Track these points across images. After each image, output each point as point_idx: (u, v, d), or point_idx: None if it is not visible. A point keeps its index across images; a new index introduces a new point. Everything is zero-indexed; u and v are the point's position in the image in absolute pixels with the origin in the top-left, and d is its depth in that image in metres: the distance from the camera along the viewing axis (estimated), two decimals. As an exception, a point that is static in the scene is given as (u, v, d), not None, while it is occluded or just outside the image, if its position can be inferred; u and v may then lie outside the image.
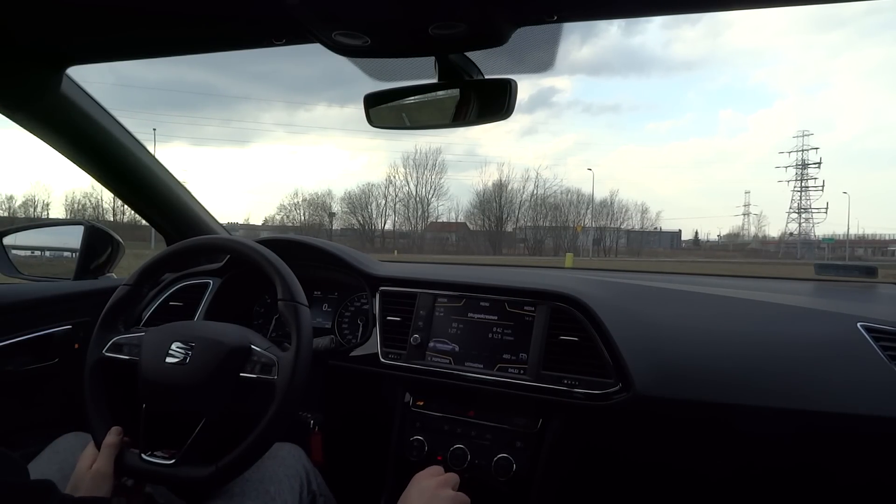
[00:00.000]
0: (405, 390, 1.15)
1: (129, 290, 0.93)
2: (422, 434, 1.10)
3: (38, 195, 36.67)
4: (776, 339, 1.00)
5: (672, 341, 1.01)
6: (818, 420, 0.91)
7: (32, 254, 1.51)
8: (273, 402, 0.77)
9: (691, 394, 0.95)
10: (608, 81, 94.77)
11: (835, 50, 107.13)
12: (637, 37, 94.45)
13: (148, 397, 0.82)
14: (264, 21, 0.81)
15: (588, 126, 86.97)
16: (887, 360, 0.92)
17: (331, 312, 1.35)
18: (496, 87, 0.84)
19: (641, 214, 47.09)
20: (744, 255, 44.24)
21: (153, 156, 1.34)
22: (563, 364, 1.02)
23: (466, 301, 1.14)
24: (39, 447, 0.92)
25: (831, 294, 1.35)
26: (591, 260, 32.16)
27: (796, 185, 51.29)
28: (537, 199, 42.77)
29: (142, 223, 1.76)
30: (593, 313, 1.02)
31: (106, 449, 0.77)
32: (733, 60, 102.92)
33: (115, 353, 0.87)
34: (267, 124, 74.48)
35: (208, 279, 1.35)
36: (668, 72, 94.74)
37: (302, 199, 42.71)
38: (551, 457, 1.02)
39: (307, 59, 69.49)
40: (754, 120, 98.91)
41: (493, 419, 1.06)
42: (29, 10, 0.80)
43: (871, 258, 37.08)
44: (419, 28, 0.72)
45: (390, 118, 0.94)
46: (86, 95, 1.12)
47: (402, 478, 1.13)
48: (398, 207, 42.82)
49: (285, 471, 0.87)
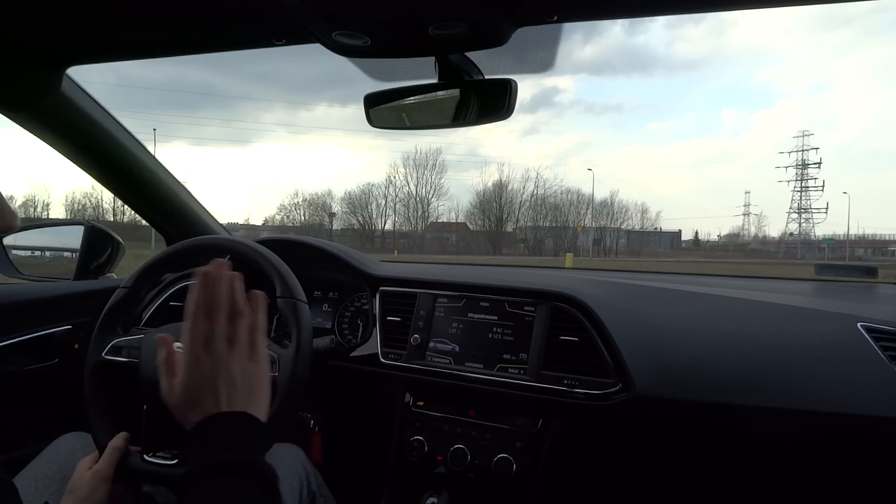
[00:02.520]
0: (405, 390, 1.15)
1: (127, 292, 0.93)
2: (422, 434, 1.10)
3: (38, 195, 36.82)
4: (776, 339, 1.00)
5: (672, 341, 1.01)
6: (818, 420, 0.91)
7: (32, 254, 1.51)
8: (274, 399, 0.77)
9: (691, 394, 0.95)
10: (611, 81, 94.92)
11: (839, 49, 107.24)
12: (640, 36, 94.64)
13: (149, 398, 0.82)
14: (264, 21, 0.81)
15: (590, 126, 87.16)
16: (887, 360, 0.92)
17: (331, 312, 1.35)
18: (496, 87, 0.84)
19: (641, 214, 47.18)
20: (744, 255, 44.28)
21: (153, 156, 1.33)
22: (563, 364, 1.02)
23: (466, 301, 1.14)
24: (39, 447, 0.92)
25: (831, 294, 1.35)
26: (591, 260, 32.18)
27: (796, 185, 51.39)
28: (537, 199, 42.86)
29: (142, 223, 1.76)
30: (593, 313, 1.02)
31: (110, 452, 0.75)
32: (737, 60, 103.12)
33: (114, 356, 0.87)
34: (268, 124, 74.63)
35: (208, 279, 1.35)
36: (671, 71, 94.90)
37: (302, 200, 42.81)
38: (551, 457, 1.02)
39: (308, 58, 69.52)
40: (757, 120, 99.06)
41: (494, 419, 1.06)
42: (29, 10, 0.80)
43: (871, 258, 37.08)
44: (419, 28, 0.72)
45: (390, 118, 0.94)
46: (86, 95, 1.12)
47: (402, 478, 1.14)
48: (398, 207, 42.91)
49: (285, 471, 0.87)
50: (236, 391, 0.59)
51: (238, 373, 0.60)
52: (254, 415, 0.59)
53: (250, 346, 0.62)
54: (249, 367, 0.61)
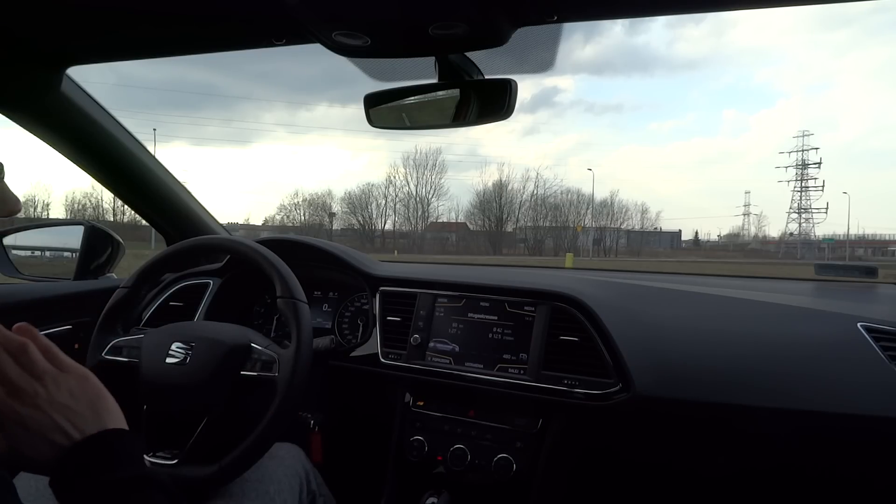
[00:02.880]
0: (405, 390, 1.15)
1: (127, 292, 0.93)
2: (422, 434, 1.10)
3: (38, 195, 36.74)
4: (776, 339, 1.00)
5: (672, 341, 1.01)
6: (818, 420, 0.91)
7: (33, 254, 1.51)
8: (274, 400, 0.77)
9: (691, 394, 0.95)
10: (611, 81, 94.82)
11: (840, 49, 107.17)
12: (641, 36, 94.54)
13: (149, 398, 0.82)
14: (264, 21, 0.81)
15: (590, 126, 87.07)
16: (887, 361, 0.92)
17: (331, 312, 1.35)
18: (496, 87, 0.84)
19: (641, 214, 47.15)
20: (744, 255, 44.26)
21: (153, 156, 1.34)
22: (564, 364, 1.02)
23: (466, 301, 1.14)
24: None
25: (831, 294, 1.35)
26: (591, 260, 32.17)
27: (796, 185, 51.35)
28: (537, 199, 42.82)
29: (142, 223, 1.76)
30: (593, 313, 1.02)
31: None
32: (737, 59, 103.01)
33: (114, 356, 0.87)
34: (268, 124, 74.56)
35: (208, 279, 1.35)
36: (671, 71, 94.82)
37: (302, 200, 42.75)
38: (551, 457, 1.02)
39: (309, 58, 69.50)
40: (757, 120, 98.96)
41: (494, 419, 1.06)
42: (29, 10, 0.80)
43: (871, 258, 37.07)
44: (419, 28, 0.72)
45: (390, 118, 0.94)
46: (86, 95, 1.12)
47: (403, 478, 1.14)
48: (398, 207, 42.87)
49: (285, 471, 0.87)
50: (78, 414, 0.52)
51: (66, 395, 0.52)
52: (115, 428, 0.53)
53: (58, 366, 0.54)
54: (73, 384, 0.54)
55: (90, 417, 0.53)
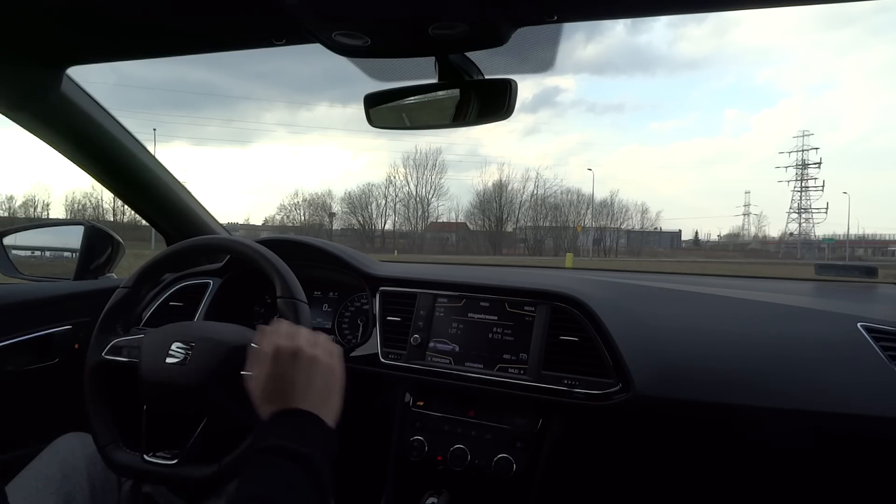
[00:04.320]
0: (405, 390, 1.15)
1: (127, 292, 0.93)
2: (422, 434, 1.10)
3: (38, 195, 36.69)
4: (776, 340, 1.00)
5: (672, 341, 1.01)
6: (818, 420, 0.91)
7: (32, 254, 1.51)
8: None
9: (691, 394, 0.95)
10: (613, 80, 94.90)
11: (842, 48, 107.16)
12: (643, 35, 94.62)
13: (149, 398, 0.82)
14: (264, 21, 0.81)
15: (591, 126, 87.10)
16: (887, 361, 0.92)
17: (331, 312, 1.35)
18: (496, 87, 0.84)
19: (641, 214, 47.10)
20: (744, 255, 44.25)
21: (153, 156, 1.34)
22: (563, 364, 1.02)
23: (466, 301, 1.14)
24: (39, 447, 0.93)
25: (831, 294, 1.35)
26: (591, 260, 32.16)
27: (796, 185, 51.36)
28: (537, 199, 42.81)
29: (142, 223, 1.76)
30: (593, 313, 1.02)
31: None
32: (739, 59, 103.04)
33: (114, 356, 0.87)
34: (268, 124, 74.55)
35: (208, 279, 1.35)
36: (673, 71, 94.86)
37: (302, 200, 42.74)
38: (551, 457, 1.02)
39: (309, 58, 69.43)
40: (758, 120, 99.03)
41: (494, 419, 1.06)
42: (29, 10, 0.80)
43: (871, 258, 37.08)
44: (419, 28, 0.72)
45: (390, 118, 0.94)
46: (86, 95, 1.12)
47: (403, 478, 1.14)
48: (398, 207, 42.85)
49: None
50: (311, 392, 0.64)
51: (317, 376, 0.66)
52: (320, 416, 0.63)
53: (329, 352, 0.70)
54: (327, 372, 0.68)
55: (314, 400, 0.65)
